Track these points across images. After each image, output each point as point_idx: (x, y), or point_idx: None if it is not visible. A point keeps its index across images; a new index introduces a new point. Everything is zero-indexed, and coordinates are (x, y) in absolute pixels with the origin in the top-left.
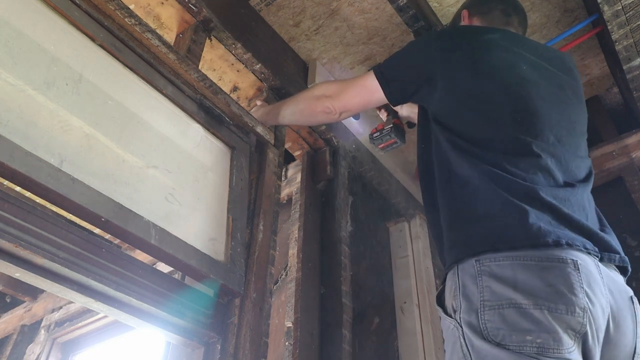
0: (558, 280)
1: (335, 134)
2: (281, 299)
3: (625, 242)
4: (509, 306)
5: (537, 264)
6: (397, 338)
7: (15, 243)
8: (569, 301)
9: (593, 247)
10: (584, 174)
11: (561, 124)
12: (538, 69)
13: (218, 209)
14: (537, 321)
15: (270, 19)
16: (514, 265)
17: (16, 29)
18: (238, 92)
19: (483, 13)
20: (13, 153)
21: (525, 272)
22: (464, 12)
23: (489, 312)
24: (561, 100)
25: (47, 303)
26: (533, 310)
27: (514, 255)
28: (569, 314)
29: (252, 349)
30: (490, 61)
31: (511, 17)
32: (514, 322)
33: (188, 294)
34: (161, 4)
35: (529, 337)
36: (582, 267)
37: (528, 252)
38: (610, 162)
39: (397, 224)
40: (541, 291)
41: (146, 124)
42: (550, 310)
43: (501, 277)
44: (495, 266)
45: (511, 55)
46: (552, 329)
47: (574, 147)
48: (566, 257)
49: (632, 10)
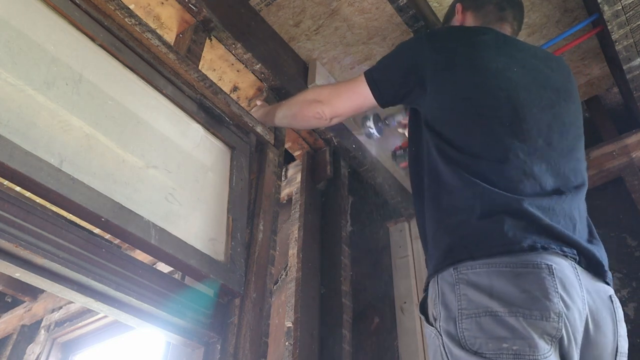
0: (532, 286)
1: (335, 134)
2: (281, 299)
3: (625, 242)
4: (485, 314)
5: (511, 271)
6: (397, 338)
7: (15, 243)
8: (543, 307)
9: (570, 250)
10: (579, 179)
11: (552, 127)
12: (529, 72)
13: (218, 209)
14: (512, 328)
15: (270, 19)
16: (490, 272)
17: (16, 29)
18: (238, 92)
19: (477, 7)
20: (13, 153)
21: (500, 279)
22: (457, 6)
23: (467, 321)
24: (553, 103)
25: (47, 303)
26: (508, 318)
27: (490, 263)
28: (544, 319)
29: (252, 349)
30: (480, 64)
31: (505, 12)
32: (490, 330)
33: (188, 294)
34: (161, 4)
35: (505, 344)
36: (557, 270)
37: (504, 258)
38: (610, 162)
39: (397, 224)
40: (516, 298)
41: (146, 124)
42: (525, 317)
43: (478, 285)
44: (472, 274)
45: (502, 57)
46: (527, 336)
47: (568, 150)
48: (541, 262)
49: (632, 10)
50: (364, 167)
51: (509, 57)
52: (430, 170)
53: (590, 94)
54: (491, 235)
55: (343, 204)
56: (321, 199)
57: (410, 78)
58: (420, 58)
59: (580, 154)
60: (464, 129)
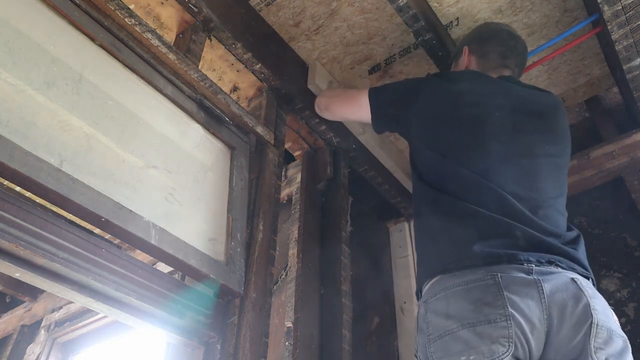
0: (480, 295)
1: (335, 134)
2: (281, 299)
3: (625, 242)
4: (445, 334)
5: (463, 288)
6: (397, 338)
7: (15, 243)
8: (489, 312)
9: (526, 255)
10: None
11: (523, 176)
12: (513, 114)
13: (218, 209)
14: (465, 340)
15: (270, 19)
16: (447, 295)
17: (16, 29)
18: (238, 92)
19: (481, 55)
20: (13, 153)
21: (454, 297)
22: (465, 48)
23: (434, 345)
24: (529, 144)
25: (47, 303)
26: (461, 332)
27: (446, 286)
28: (492, 323)
29: (252, 349)
30: (457, 110)
31: (507, 60)
32: (449, 347)
33: (188, 294)
34: (161, 4)
35: (463, 357)
36: (503, 278)
37: (456, 276)
38: (610, 162)
39: (397, 224)
40: (467, 311)
41: (146, 124)
42: (474, 326)
43: (439, 310)
44: (435, 301)
45: (482, 105)
46: (479, 344)
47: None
48: (486, 273)
49: (632, 10)
50: (364, 167)
51: (491, 103)
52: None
53: (590, 94)
54: (447, 253)
55: (343, 204)
56: (321, 199)
57: (401, 112)
58: (414, 97)
59: (559, 191)
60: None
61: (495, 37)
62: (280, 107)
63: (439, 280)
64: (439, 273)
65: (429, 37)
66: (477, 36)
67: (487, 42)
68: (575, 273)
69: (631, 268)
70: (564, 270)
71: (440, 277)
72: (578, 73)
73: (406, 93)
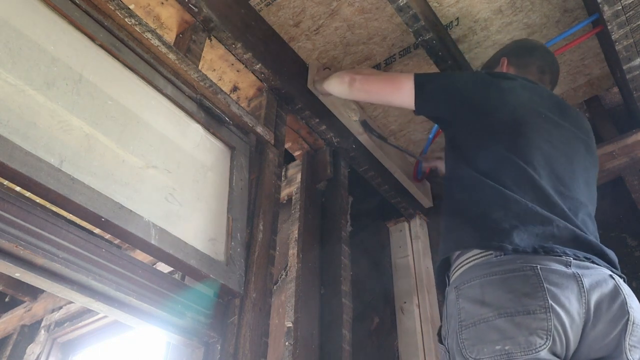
0: (518, 285)
1: (335, 134)
2: (281, 299)
3: (625, 242)
4: (480, 322)
5: (500, 277)
6: (397, 338)
7: (15, 243)
8: (528, 303)
9: (562, 249)
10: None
11: (566, 172)
12: (559, 120)
13: (218, 209)
14: (501, 330)
15: (270, 19)
16: (482, 283)
17: (16, 29)
18: (238, 92)
19: (519, 65)
20: (13, 153)
21: (490, 286)
22: (503, 59)
23: (466, 331)
24: (571, 150)
25: (47, 303)
26: (498, 320)
27: (480, 273)
28: (531, 314)
29: (252, 349)
30: (509, 104)
31: (545, 75)
32: (484, 335)
33: (188, 294)
34: (161, 4)
35: (498, 346)
36: (543, 269)
37: (492, 263)
38: (610, 162)
39: (397, 224)
40: (504, 300)
41: (146, 124)
42: (512, 316)
43: (472, 298)
44: (468, 288)
45: (532, 104)
46: (516, 334)
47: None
48: (525, 263)
49: (632, 10)
50: (364, 167)
51: (536, 105)
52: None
53: (590, 94)
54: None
55: (343, 204)
56: (321, 199)
57: (450, 105)
58: (466, 92)
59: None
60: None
61: (535, 51)
62: (280, 107)
63: (472, 268)
64: (473, 246)
65: (429, 37)
66: (516, 49)
67: (526, 54)
68: (610, 271)
69: (631, 268)
70: (600, 266)
71: (474, 265)
72: (578, 73)
73: (460, 81)
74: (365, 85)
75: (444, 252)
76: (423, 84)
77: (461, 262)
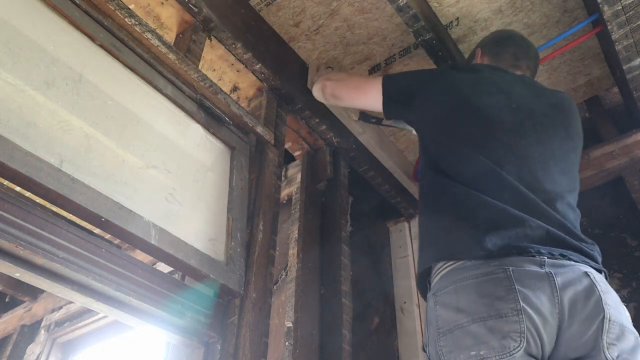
0: (491, 289)
1: (335, 134)
2: (281, 299)
3: (625, 242)
4: (455, 328)
5: (474, 281)
6: (397, 338)
7: (15, 243)
8: (501, 307)
9: (537, 247)
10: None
11: (538, 162)
12: (530, 107)
13: (218, 209)
14: (475, 335)
15: (270, 19)
16: (456, 288)
17: (16, 29)
18: (238, 92)
19: (494, 54)
20: (13, 153)
21: (464, 291)
22: (477, 51)
23: (443, 338)
24: (544, 138)
25: (47, 303)
26: (472, 326)
27: (455, 279)
28: (503, 317)
29: (252, 349)
30: (474, 98)
31: (520, 61)
32: (459, 341)
33: (188, 294)
34: (161, 4)
35: (473, 352)
36: (514, 271)
37: (467, 268)
38: (610, 162)
39: (397, 224)
40: (477, 305)
41: (146, 124)
42: (485, 320)
43: (448, 304)
44: (444, 294)
45: (499, 95)
46: (490, 338)
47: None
48: (498, 266)
49: (632, 10)
50: (364, 167)
51: (503, 94)
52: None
53: (590, 94)
54: (460, 243)
55: (343, 204)
56: (321, 199)
57: (412, 101)
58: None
59: (572, 186)
60: (449, 154)
61: (508, 39)
62: (280, 107)
63: (448, 273)
64: (446, 258)
65: (429, 37)
66: (490, 39)
67: (500, 43)
68: (588, 266)
69: (631, 268)
70: (577, 263)
71: (450, 270)
72: (578, 73)
73: (422, 81)
74: (335, 91)
75: (421, 265)
76: (388, 87)
77: (439, 268)
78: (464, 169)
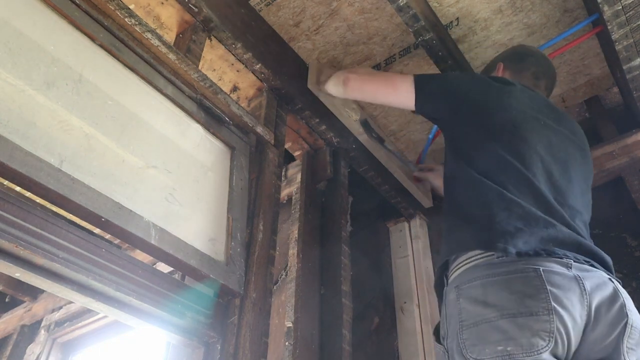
0: (521, 287)
1: (335, 134)
2: (281, 299)
3: (625, 242)
4: (482, 322)
5: (503, 278)
6: (397, 338)
7: (15, 243)
8: (531, 304)
9: (562, 251)
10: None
11: (562, 175)
12: (555, 127)
13: (218, 209)
14: (504, 330)
15: (270, 19)
16: (484, 283)
17: (16, 29)
18: (238, 92)
19: (516, 71)
20: (13, 153)
21: (493, 287)
22: (499, 64)
23: (467, 331)
24: (568, 157)
25: (47, 303)
26: (500, 321)
27: (482, 274)
28: (534, 315)
29: (252, 349)
30: (508, 108)
31: (540, 81)
32: (485, 336)
33: (188, 294)
34: (161, 4)
35: (500, 347)
36: (545, 271)
37: (494, 265)
38: (610, 162)
39: (397, 224)
40: (507, 301)
41: (146, 124)
42: (515, 317)
43: (474, 298)
44: (469, 288)
45: (530, 110)
46: (518, 335)
47: (574, 200)
48: (528, 265)
49: (632, 10)
50: (364, 167)
51: (534, 111)
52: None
53: (590, 94)
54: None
55: (343, 204)
56: (321, 199)
57: (450, 104)
58: (465, 92)
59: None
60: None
61: (530, 57)
62: (280, 107)
63: (472, 268)
64: (474, 248)
65: (429, 37)
66: (512, 54)
67: (522, 60)
68: (608, 274)
69: (631, 268)
70: (599, 270)
71: (474, 265)
72: (578, 73)
73: (461, 82)
74: (360, 85)
75: (447, 253)
76: (423, 84)
77: (461, 262)
78: (497, 169)
